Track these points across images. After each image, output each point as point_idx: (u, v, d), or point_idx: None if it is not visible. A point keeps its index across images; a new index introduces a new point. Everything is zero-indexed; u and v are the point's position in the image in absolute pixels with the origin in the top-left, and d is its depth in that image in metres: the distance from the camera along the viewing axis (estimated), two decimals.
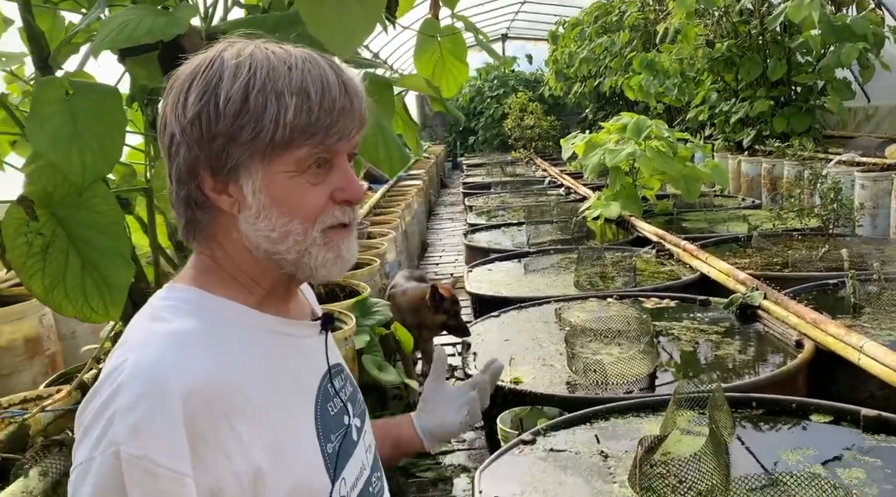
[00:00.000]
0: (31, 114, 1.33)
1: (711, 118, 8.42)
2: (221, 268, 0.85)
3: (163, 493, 0.71)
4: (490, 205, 7.43)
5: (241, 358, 0.81)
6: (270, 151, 0.78)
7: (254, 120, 0.76)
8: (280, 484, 0.79)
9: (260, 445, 0.78)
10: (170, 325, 0.79)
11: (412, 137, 2.51)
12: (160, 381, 0.73)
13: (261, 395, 0.80)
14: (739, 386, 2.32)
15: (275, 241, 0.81)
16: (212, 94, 0.77)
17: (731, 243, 4.47)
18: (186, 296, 0.83)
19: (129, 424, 0.71)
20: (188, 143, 0.78)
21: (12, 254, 1.30)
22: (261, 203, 0.80)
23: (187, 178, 0.80)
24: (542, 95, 17.44)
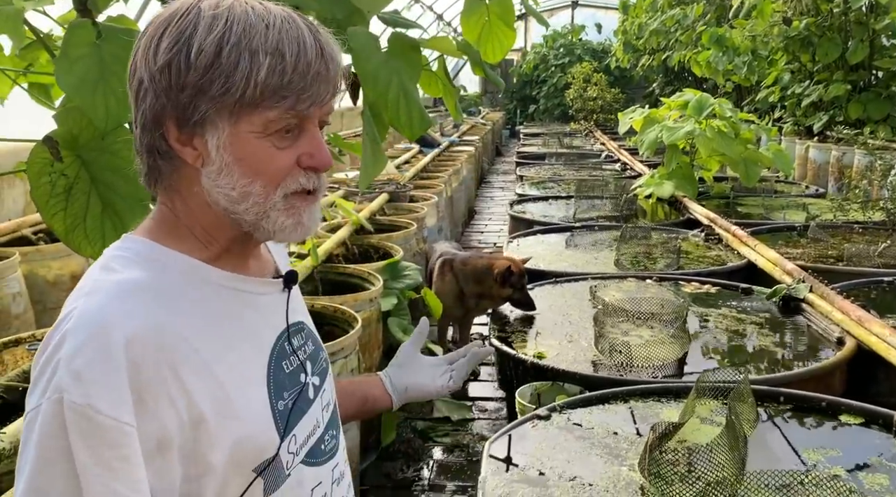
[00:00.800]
0: (61, 55, 1.35)
1: (782, 100, 8.05)
2: (178, 220, 0.84)
3: (103, 441, 0.71)
4: (542, 176, 7.32)
5: (188, 310, 0.80)
6: (238, 109, 0.76)
7: (224, 75, 0.74)
8: (223, 435, 0.79)
9: (204, 395, 0.77)
10: (118, 275, 0.79)
11: (451, 102, 2.47)
12: (102, 329, 0.73)
13: (207, 348, 0.79)
14: (769, 379, 2.25)
15: (234, 201, 0.80)
16: (184, 44, 0.75)
17: (785, 232, 4.30)
18: (138, 247, 0.83)
19: (71, 372, 0.71)
20: (156, 91, 0.76)
21: (36, 192, 1.33)
22: (223, 160, 0.78)
23: (152, 126, 0.79)
24: (609, 67, 16.98)
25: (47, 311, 3.03)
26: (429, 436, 3.15)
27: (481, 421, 3.36)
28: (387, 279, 2.99)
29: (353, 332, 2.34)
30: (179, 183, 0.83)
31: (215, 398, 0.78)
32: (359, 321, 2.42)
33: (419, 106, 1.46)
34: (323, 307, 2.57)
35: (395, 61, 1.47)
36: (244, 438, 0.81)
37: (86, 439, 0.71)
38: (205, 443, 0.77)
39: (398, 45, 1.49)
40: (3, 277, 2.79)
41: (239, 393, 0.81)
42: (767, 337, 2.69)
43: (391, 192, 4.67)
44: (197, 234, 0.84)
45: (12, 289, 2.82)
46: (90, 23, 1.40)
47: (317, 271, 2.86)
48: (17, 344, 2.02)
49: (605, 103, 15.73)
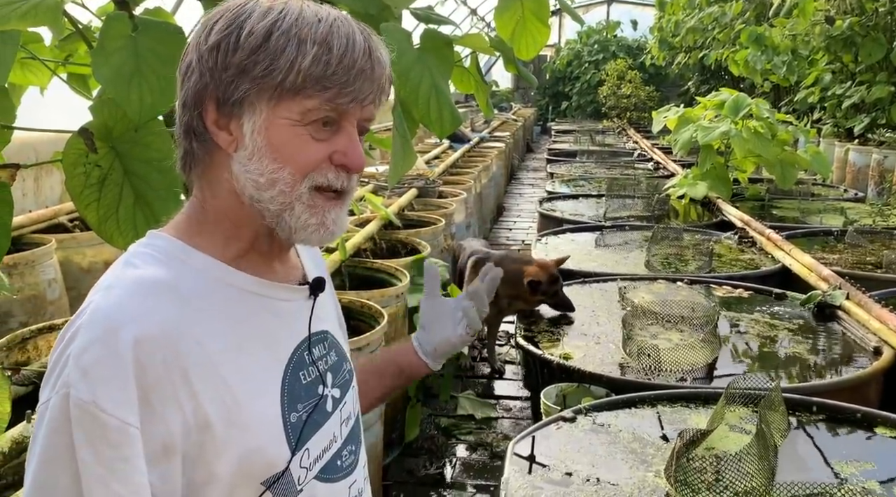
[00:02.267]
0: (97, 48, 1.36)
1: (822, 101, 7.86)
2: (206, 215, 0.83)
3: (106, 440, 0.70)
4: (573, 173, 7.26)
5: (205, 313, 0.78)
6: (279, 94, 0.76)
7: (269, 58, 0.75)
8: (230, 444, 0.77)
9: (213, 401, 0.76)
10: (138, 271, 0.78)
11: (483, 98, 2.45)
12: (113, 326, 0.72)
13: (221, 353, 0.78)
14: (802, 387, 2.20)
15: (261, 187, 0.79)
16: (236, 27, 0.76)
17: (822, 236, 4.20)
18: (163, 244, 0.82)
19: (80, 368, 0.71)
20: (201, 69, 0.77)
21: (70, 182, 1.35)
22: (256, 144, 0.78)
23: (192, 104, 0.79)
24: (643, 64, 16.76)
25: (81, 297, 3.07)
26: (452, 433, 3.15)
27: (505, 420, 3.34)
28: (414, 275, 2.99)
29: (380, 327, 2.34)
30: (211, 169, 0.82)
31: (224, 405, 0.76)
32: (385, 317, 2.43)
33: (450, 103, 1.45)
34: (350, 302, 2.57)
35: (427, 58, 1.46)
36: (252, 449, 0.78)
37: (88, 437, 0.70)
38: (211, 450, 0.76)
39: (431, 42, 1.48)
40: (40, 264, 2.85)
41: (250, 402, 0.79)
42: (801, 344, 2.63)
43: (420, 188, 4.66)
44: (222, 229, 0.83)
45: (48, 275, 2.88)
46: (127, 15, 1.42)
47: (344, 266, 2.86)
48: (50, 330, 2.06)
49: (639, 101, 15.54)
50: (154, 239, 0.83)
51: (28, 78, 2.16)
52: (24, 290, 2.78)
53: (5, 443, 1.31)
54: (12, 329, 2.45)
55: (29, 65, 2.09)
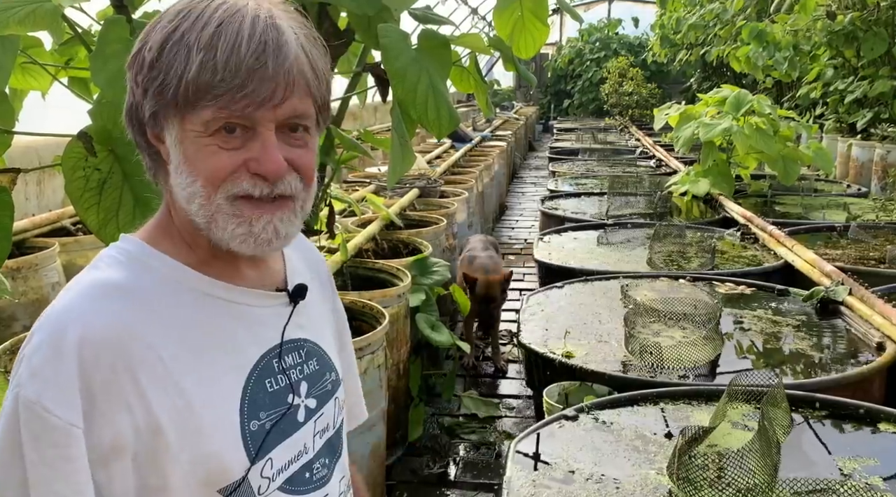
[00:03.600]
0: (96, 51, 1.37)
1: (824, 96, 7.84)
2: (171, 220, 0.83)
3: (49, 440, 0.71)
4: (575, 172, 7.25)
5: (162, 316, 0.77)
6: (182, 108, 0.73)
7: (163, 73, 0.72)
8: (184, 449, 0.75)
9: (164, 405, 0.75)
10: (97, 274, 0.78)
11: (482, 98, 2.45)
12: (59, 328, 0.73)
13: (175, 357, 0.76)
14: (804, 384, 2.19)
15: (186, 200, 0.77)
16: (144, 41, 0.75)
17: (825, 232, 4.19)
18: (130, 247, 0.81)
19: (29, 368, 0.72)
20: (131, 88, 0.77)
21: (70, 186, 1.36)
22: (178, 158, 0.77)
23: (128, 121, 0.79)
24: (645, 61, 16.74)
25: None
26: (455, 432, 3.15)
27: (508, 419, 3.34)
28: (415, 275, 2.99)
29: (381, 328, 2.34)
30: (164, 180, 0.82)
31: (176, 410, 0.75)
32: (386, 317, 2.43)
33: (448, 104, 1.45)
34: (351, 302, 2.58)
35: (424, 58, 1.46)
36: (207, 456, 0.77)
37: (33, 436, 0.71)
38: (164, 455, 0.75)
39: (428, 42, 1.48)
40: (43, 267, 2.86)
41: (204, 407, 0.77)
42: (804, 340, 2.62)
43: (422, 188, 4.66)
44: (185, 236, 0.82)
45: (51, 278, 2.89)
46: (124, 19, 1.42)
47: (346, 266, 2.87)
48: None
49: (641, 99, 15.52)
50: (124, 242, 0.82)
51: (29, 82, 2.17)
52: (28, 294, 2.79)
53: None
54: (16, 333, 2.46)
55: (30, 69, 2.09)
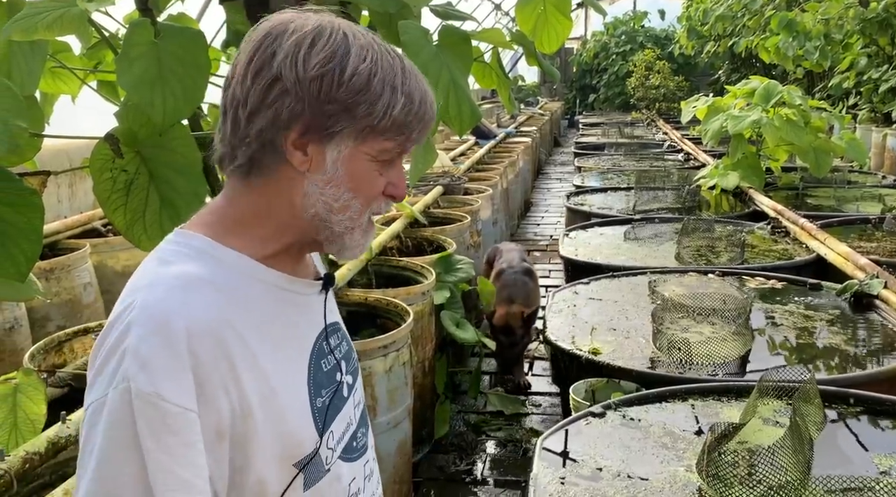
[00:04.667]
0: (121, 54, 1.38)
1: (858, 86, 7.66)
2: (243, 214, 0.86)
3: (169, 428, 0.74)
4: (601, 166, 7.19)
5: (242, 306, 0.83)
6: (367, 133, 0.82)
7: (370, 102, 0.81)
8: (268, 429, 0.81)
9: (254, 389, 0.80)
10: (175, 268, 0.81)
11: (505, 93, 2.44)
12: (165, 320, 0.76)
13: (257, 344, 0.82)
14: (838, 379, 2.15)
15: (332, 210, 0.85)
16: (338, 64, 0.80)
17: (858, 224, 4.10)
18: (194, 242, 0.85)
19: (138, 361, 0.75)
20: (299, 95, 0.80)
21: (98, 188, 1.38)
22: (336, 173, 0.84)
23: (283, 124, 0.81)
24: (672, 54, 16.53)
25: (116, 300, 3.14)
26: (482, 429, 3.15)
27: (535, 416, 3.33)
28: (440, 272, 2.98)
29: (405, 325, 2.35)
30: (274, 180, 0.85)
31: (262, 393, 0.81)
32: (411, 314, 2.43)
33: (469, 99, 1.45)
34: (376, 300, 2.58)
35: (445, 55, 1.45)
36: (287, 433, 0.84)
37: (152, 426, 0.74)
38: (252, 436, 0.80)
39: (449, 38, 1.48)
40: (75, 268, 2.92)
41: (284, 390, 0.84)
42: (837, 335, 2.57)
43: (446, 185, 4.66)
44: (261, 231, 0.86)
45: (83, 279, 2.94)
46: (149, 22, 1.44)
47: (370, 264, 2.88)
48: (85, 333, 2.10)
49: (668, 92, 15.32)
50: (183, 237, 0.86)
51: (59, 86, 2.21)
52: (61, 295, 2.84)
53: (41, 443, 1.35)
54: (49, 332, 2.51)
55: (59, 73, 2.13)
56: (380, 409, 2.26)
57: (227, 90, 0.83)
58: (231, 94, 0.83)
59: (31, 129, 1.50)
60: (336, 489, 0.91)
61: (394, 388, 2.30)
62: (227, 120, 0.83)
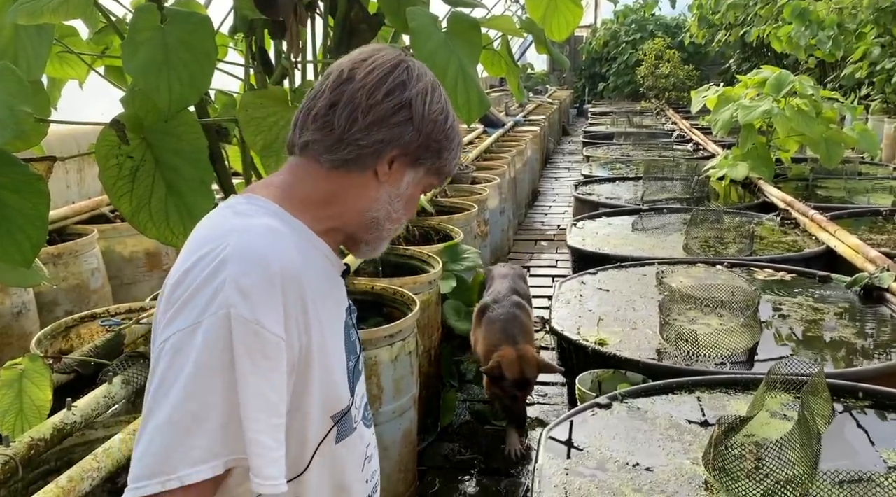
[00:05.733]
0: (127, 39, 1.37)
1: (870, 76, 7.58)
2: (312, 195, 0.96)
3: (264, 353, 0.82)
4: (610, 156, 7.15)
5: (309, 264, 0.92)
6: (435, 170, 1.00)
7: (450, 150, 1.00)
8: (317, 378, 0.90)
9: (315, 337, 0.89)
10: (260, 220, 0.90)
11: (514, 82, 2.41)
12: (263, 258, 0.85)
13: (319, 299, 0.91)
14: (847, 372, 2.13)
15: (388, 219, 0.99)
16: (445, 115, 0.98)
17: (869, 217, 4.06)
18: (267, 205, 0.94)
19: (240, 290, 0.82)
20: (420, 128, 0.94)
21: (103, 174, 1.37)
22: (406, 192, 0.99)
23: (399, 142, 0.94)
24: (682, 43, 16.37)
25: (123, 286, 3.16)
26: (487, 419, 3.14)
27: (540, 406, 3.32)
28: (446, 261, 2.97)
29: (412, 314, 2.34)
30: (354, 179, 0.96)
31: (319, 343, 0.90)
32: (417, 303, 2.42)
33: (477, 87, 1.43)
34: (383, 289, 2.58)
35: (454, 42, 1.44)
36: (332, 384, 0.93)
37: (250, 351, 0.81)
38: (308, 379, 0.89)
39: (458, 25, 1.46)
40: (83, 253, 2.92)
41: (332, 345, 0.94)
42: (846, 328, 2.55)
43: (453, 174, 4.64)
44: (320, 213, 0.96)
45: (91, 264, 2.95)
46: (156, 7, 1.42)
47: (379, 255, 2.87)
48: (92, 318, 2.10)
49: (678, 81, 15.20)
50: (254, 199, 0.94)
51: (66, 71, 2.20)
52: (69, 280, 2.85)
53: (47, 430, 1.35)
54: (58, 317, 2.52)
55: (66, 58, 2.12)
56: (385, 397, 2.26)
57: (341, 90, 0.92)
58: (350, 95, 0.92)
59: (36, 115, 1.49)
60: (359, 449, 1.00)
61: (399, 377, 2.29)
62: (340, 115, 0.92)
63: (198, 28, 1.43)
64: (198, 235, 0.91)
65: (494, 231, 4.76)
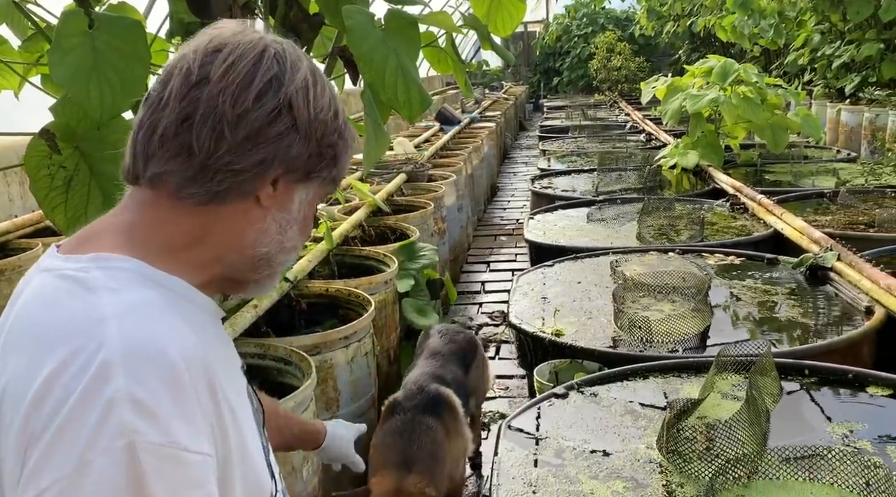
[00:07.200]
0: (53, 46, 1.34)
1: (812, 62, 7.80)
2: (171, 238, 0.73)
3: (190, 482, 0.62)
4: (565, 149, 7.22)
5: (202, 336, 0.71)
6: (331, 180, 0.79)
7: (347, 151, 0.78)
8: (239, 475, 0.71)
9: (231, 430, 0.70)
10: (131, 294, 0.67)
11: (461, 78, 2.42)
12: (161, 352, 0.63)
13: (223, 376, 0.71)
14: (794, 351, 2.19)
15: (281, 251, 0.78)
16: (333, 108, 0.76)
17: (814, 199, 4.18)
18: (128, 265, 0.70)
19: (140, 407, 0.60)
20: (307, 135, 0.73)
21: (35, 186, 1.33)
22: (299, 216, 0.78)
23: (287, 159, 0.73)
24: (633, 35, 16.64)
25: None
26: None
27: (502, 399, 3.35)
28: (403, 260, 2.97)
29: (367, 315, 2.33)
30: (230, 211, 0.74)
31: (236, 435, 0.71)
32: (372, 304, 2.42)
33: (417, 84, 1.43)
34: (338, 291, 2.56)
35: (392, 39, 1.43)
36: (253, 479, 0.74)
37: (170, 485, 0.61)
38: (230, 481, 0.70)
39: (395, 23, 1.45)
40: (28, 268, 2.84)
41: (246, 429, 0.74)
42: (794, 308, 2.62)
43: (409, 172, 4.64)
44: (195, 259, 0.74)
45: None
46: (83, 11, 1.39)
47: (332, 254, 2.85)
48: None
49: (630, 73, 15.44)
50: (102, 260, 0.70)
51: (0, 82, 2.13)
52: None
53: None
54: None
55: None
56: (343, 400, 2.25)
57: (194, 97, 0.69)
58: (208, 103, 0.69)
59: None
60: None
61: (356, 379, 2.28)
62: (198, 135, 0.69)
63: (128, 32, 1.39)
64: (41, 324, 0.66)
65: (453, 228, 4.77)
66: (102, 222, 0.77)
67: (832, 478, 1.52)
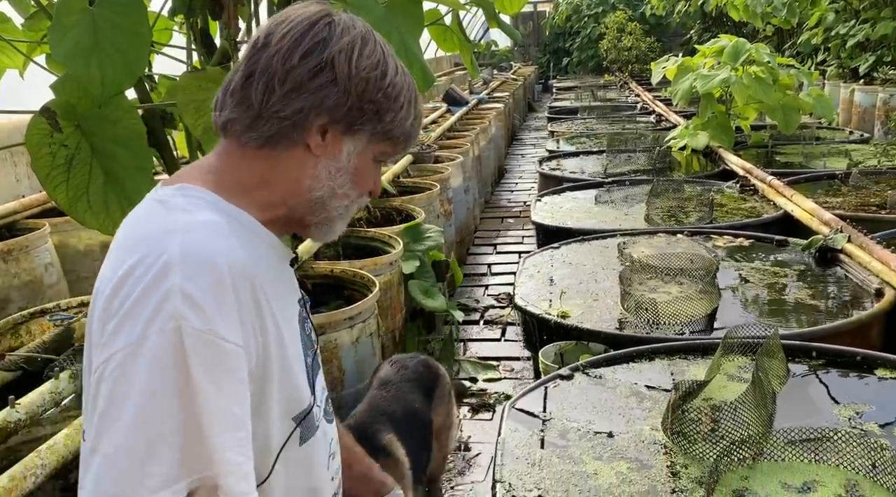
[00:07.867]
0: (54, 23, 1.33)
1: (826, 42, 7.67)
2: (245, 179, 0.87)
3: (224, 366, 0.75)
4: (574, 131, 7.16)
5: (257, 260, 0.84)
6: (381, 137, 0.90)
7: (394, 110, 0.88)
8: (276, 378, 0.83)
9: (271, 335, 0.83)
10: (199, 215, 0.82)
11: (467, 57, 2.39)
12: (208, 259, 0.77)
13: (271, 295, 0.84)
14: (801, 333, 2.17)
15: (333, 196, 0.90)
16: (382, 70, 0.87)
17: (826, 180, 4.13)
18: (203, 196, 0.85)
19: (189, 299, 0.74)
20: (347, 89, 0.85)
21: (36, 164, 1.33)
22: (348, 164, 0.89)
23: (324, 109, 0.85)
24: (644, 15, 16.41)
25: (80, 280, 3.09)
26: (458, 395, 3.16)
27: (508, 381, 3.35)
28: (408, 242, 2.96)
29: (371, 296, 2.33)
30: (286, 157, 0.87)
31: (277, 342, 0.84)
32: (377, 285, 2.41)
33: (420, 61, 1.41)
34: (343, 272, 2.56)
35: (394, 16, 1.41)
36: (292, 386, 0.87)
37: (207, 365, 0.74)
38: (267, 382, 0.83)
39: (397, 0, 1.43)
40: (35, 248, 2.85)
41: (289, 342, 0.87)
42: (803, 290, 2.59)
43: (415, 154, 4.61)
44: (262, 199, 0.88)
45: (43, 259, 2.88)
46: None
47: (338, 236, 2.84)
48: (42, 314, 2.05)
49: (641, 53, 15.26)
50: (189, 190, 0.86)
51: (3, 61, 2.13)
52: (21, 276, 2.78)
53: None
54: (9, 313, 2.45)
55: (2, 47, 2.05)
56: (347, 380, 2.26)
57: (256, 58, 0.84)
58: (265, 63, 0.84)
59: None
60: (323, 447, 0.95)
61: (361, 359, 2.29)
62: (255, 88, 0.84)
63: (129, 9, 1.38)
64: (129, 235, 0.83)
65: (459, 210, 4.75)
66: (194, 165, 0.94)
67: (838, 459, 1.51)
